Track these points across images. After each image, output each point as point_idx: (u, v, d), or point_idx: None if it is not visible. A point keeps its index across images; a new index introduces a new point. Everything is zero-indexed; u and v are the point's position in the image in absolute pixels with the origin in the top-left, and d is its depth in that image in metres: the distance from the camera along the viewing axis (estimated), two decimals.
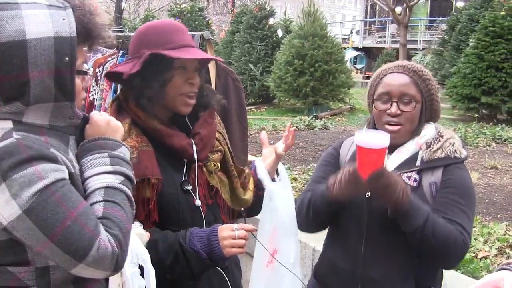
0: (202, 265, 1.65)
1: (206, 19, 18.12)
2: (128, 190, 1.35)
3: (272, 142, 2.15)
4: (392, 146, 1.80)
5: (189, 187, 1.73)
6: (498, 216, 4.61)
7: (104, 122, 1.43)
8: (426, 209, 1.71)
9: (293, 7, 27.73)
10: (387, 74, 1.86)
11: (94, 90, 3.71)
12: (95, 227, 1.22)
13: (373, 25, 30.04)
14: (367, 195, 1.80)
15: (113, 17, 9.27)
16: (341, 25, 33.23)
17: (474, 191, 1.86)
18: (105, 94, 3.60)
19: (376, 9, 30.50)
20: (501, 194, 5.35)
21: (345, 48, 18.51)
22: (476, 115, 10.75)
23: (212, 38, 3.30)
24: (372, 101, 1.89)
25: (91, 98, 3.72)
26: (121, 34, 3.99)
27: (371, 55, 24.06)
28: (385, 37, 25.67)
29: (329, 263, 1.94)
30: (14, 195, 1.16)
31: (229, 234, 1.64)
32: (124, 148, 1.43)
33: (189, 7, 16.85)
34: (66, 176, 1.25)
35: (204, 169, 1.78)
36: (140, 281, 1.45)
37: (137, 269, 1.45)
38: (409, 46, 20.33)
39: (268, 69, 14.30)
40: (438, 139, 1.83)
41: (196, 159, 1.74)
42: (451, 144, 1.82)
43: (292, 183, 5.16)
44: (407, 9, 18.41)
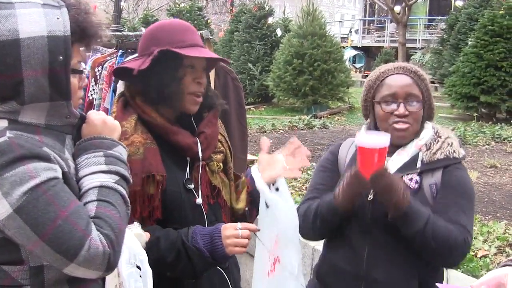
0: (204, 263, 1.64)
1: (205, 19, 18.09)
2: (123, 190, 1.34)
3: (271, 141, 2.14)
4: (396, 147, 1.81)
5: (192, 186, 1.73)
6: (498, 215, 4.61)
7: (101, 121, 1.43)
8: (426, 212, 1.71)
9: (292, 6, 27.70)
10: (388, 76, 1.85)
11: (94, 90, 3.71)
12: (86, 227, 1.21)
13: (372, 24, 30.05)
14: (370, 198, 1.80)
15: (112, 17, 9.27)
16: (340, 24, 33.22)
17: (474, 191, 1.86)
18: (104, 94, 3.60)
19: (375, 8, 30.52)
20: (501, 193, 5.34)
21: (344, 47, 18.49)
22: (475, 114, 10.73)
23: (211, 38, 3.30)
24: (372, 104, 1.89)
25: (90, 98, 3.72)
26: (120, 34, 4.00)
27: (370, 54, 24.09)
28: (384, 36, 25.71)
29: (330, 264, 1.94)
30: (5, 194, 1.16)
31: (233, 233, 1.64)
32: (121, 148, 1.42)
33: (188, 7, 16.83)
34: (59, 175, 1.24)
35: (207, 169, 1.78)
36: (137, 282, 1.43)
37: (135, 270, 1.43)
38: (408, 45, 20.33)
39: (267, 69, 14.30)
40: (437, 140, 1.84)
41: (200, 158, 1.74)
42: (450, 145, 1.83)
43: (292, 182, 5.16)
44: (406, 8, 18.41)
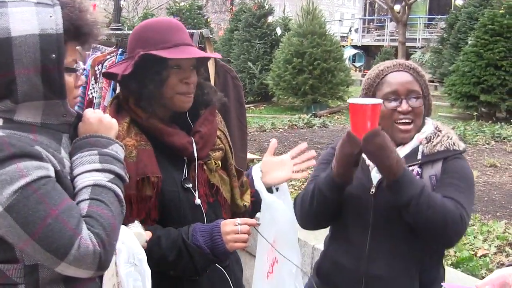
0: (205, 260, 1.65)
1: (205, 17, 18.10)
2: (118, 188, 1.33)
3: (270, 140, 2.14)
4: (400, 144, 1.82)
5: (190, 185, 1.73)
6: (497, 214, 4.61)
7: (96, 120, 1.42)
8: (421, 182, 1.71)
9: (292, 5, 27.72)
10: (388, 74, 1.85)
11: (93, 88, 3.70)
12: (77, 226, 1.20)
13: (372, 23, 30.04)
14: (372, 192, 1.80)
15: (112, 15, 9.26)
16: (340, 23, 33.25)
17: (473, 180, 1.85)
18: (104, 92, 3.60)
19: (375, 7, 30.50)
20: (500, 192, 5.34)
21: (344, 46, 18.51)
22: (475, 113, 10.74)
23: (211, 37, 3.30)
24: None
25: (90, 96, 3.71)
26: (120, 32, 3.99)
27: (370, 53, 24.09)
28: (384, 35, 25.70)
29: (331, 260, 1.93)
30: None
31: (232, 229, 1.65)
32: (117, 146, 1.41)
33: (188, 5, 16.83)
34: (51, 174, 1.24)
35: (205, 167, 1.78)
36: (136, 282, 1.43)
37: (133, 269, 1.43)
38: (408, 44, 20.33)
39: (267, 67, 14.30)
40: (437, 134, 1.85)
41: (196, 157, 1.74)
42: (449, 138, 1.84)
43: (291, 182, 5.15)
44: (406, 7, 18.41)
